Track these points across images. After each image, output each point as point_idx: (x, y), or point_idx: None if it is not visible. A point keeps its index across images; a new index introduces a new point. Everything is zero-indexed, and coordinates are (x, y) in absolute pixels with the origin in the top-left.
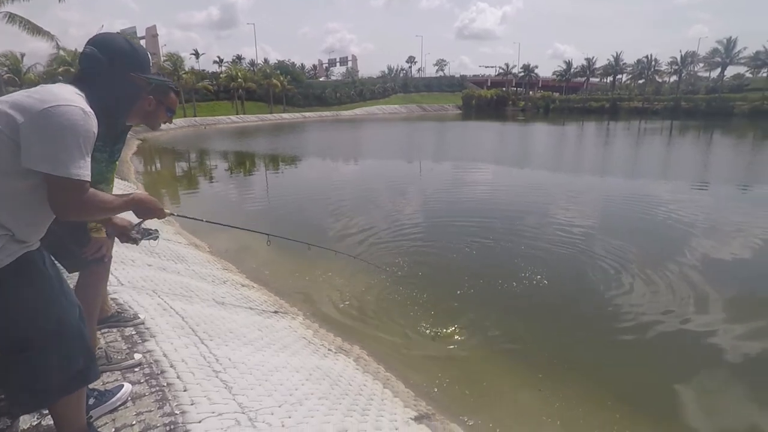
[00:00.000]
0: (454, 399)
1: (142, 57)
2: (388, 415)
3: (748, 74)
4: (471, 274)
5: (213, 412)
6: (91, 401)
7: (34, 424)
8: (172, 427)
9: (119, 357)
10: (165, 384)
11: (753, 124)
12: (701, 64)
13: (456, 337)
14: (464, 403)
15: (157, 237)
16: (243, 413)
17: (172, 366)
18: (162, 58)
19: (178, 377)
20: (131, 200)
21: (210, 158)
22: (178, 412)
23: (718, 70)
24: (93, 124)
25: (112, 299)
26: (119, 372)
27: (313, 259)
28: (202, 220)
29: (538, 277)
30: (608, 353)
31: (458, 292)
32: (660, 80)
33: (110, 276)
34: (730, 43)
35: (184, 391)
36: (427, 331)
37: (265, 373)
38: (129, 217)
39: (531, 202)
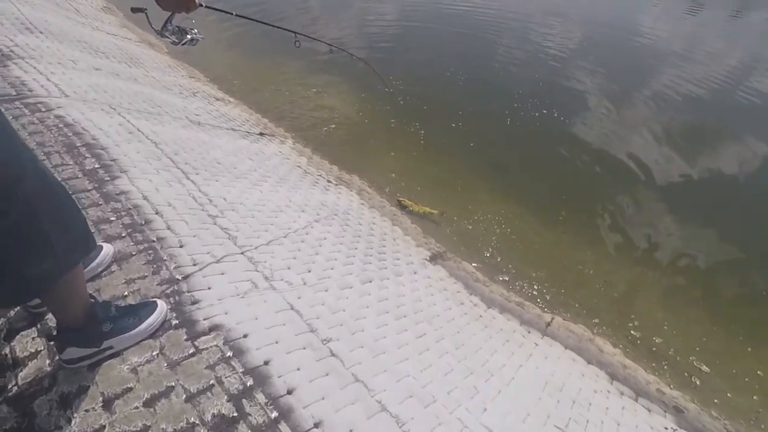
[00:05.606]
0: (459, 234)
1: None
2: (404, 257)
3: None
4: (469, 96)
5: (222, 274)
6: None
7: None
8: (177, 297)
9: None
10: (155, 239)
11: None
12: None
13: (454, 165)
14: (468, 240)
15: (198, 41)
16: (257, 271)
17: (157, 213)
18: None
19: (168, 228)
20: None
21: None
22: (179, 277)
23: None
24: None
25: (57, 117)
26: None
27: (287, 69)
28: (232, 14)
29: (536, 111)
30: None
31: (452, 124)
32: None
33: (48, 83)
34: None
35: (181, 247)
36: (425, 157)
37: (269, 215)
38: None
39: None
